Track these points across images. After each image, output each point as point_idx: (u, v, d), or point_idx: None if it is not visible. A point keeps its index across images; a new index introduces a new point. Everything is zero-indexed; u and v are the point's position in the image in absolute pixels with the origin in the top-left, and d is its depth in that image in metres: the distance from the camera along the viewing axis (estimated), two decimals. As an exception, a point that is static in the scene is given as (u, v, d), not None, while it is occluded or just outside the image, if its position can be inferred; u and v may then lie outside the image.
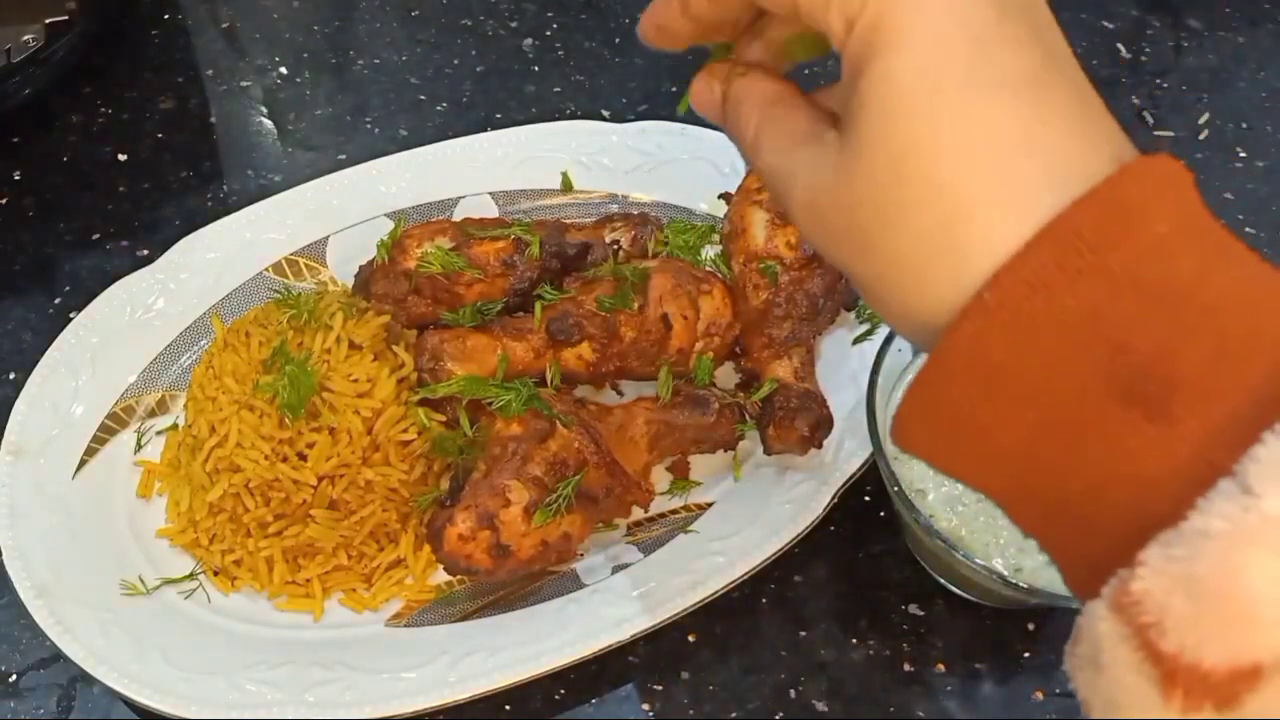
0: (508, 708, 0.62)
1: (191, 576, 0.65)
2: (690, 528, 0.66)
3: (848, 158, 0.34)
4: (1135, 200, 0.31)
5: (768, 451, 0.67)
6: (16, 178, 0.86)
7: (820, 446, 0.67)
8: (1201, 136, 0.91)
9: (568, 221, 0.76)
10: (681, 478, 0.69)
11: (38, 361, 0.70)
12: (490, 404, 0.64)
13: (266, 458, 0.63)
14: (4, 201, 0.85)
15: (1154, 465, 0.30)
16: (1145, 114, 0.93)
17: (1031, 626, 0.66)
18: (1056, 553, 0.33)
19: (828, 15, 0.34)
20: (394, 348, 0.67)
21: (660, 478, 0.69)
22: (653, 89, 0.94)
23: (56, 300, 0.79)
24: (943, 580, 0.66)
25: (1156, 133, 0.92)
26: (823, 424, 0.67)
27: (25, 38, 0.84)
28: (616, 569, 0.65)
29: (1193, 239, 0.31)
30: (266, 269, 0.76)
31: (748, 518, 0.66)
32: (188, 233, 0.77)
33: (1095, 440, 0.31)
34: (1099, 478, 0.31)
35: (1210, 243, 0.31)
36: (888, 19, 0.32)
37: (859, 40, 0.33)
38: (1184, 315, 0.30)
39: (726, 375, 0.72)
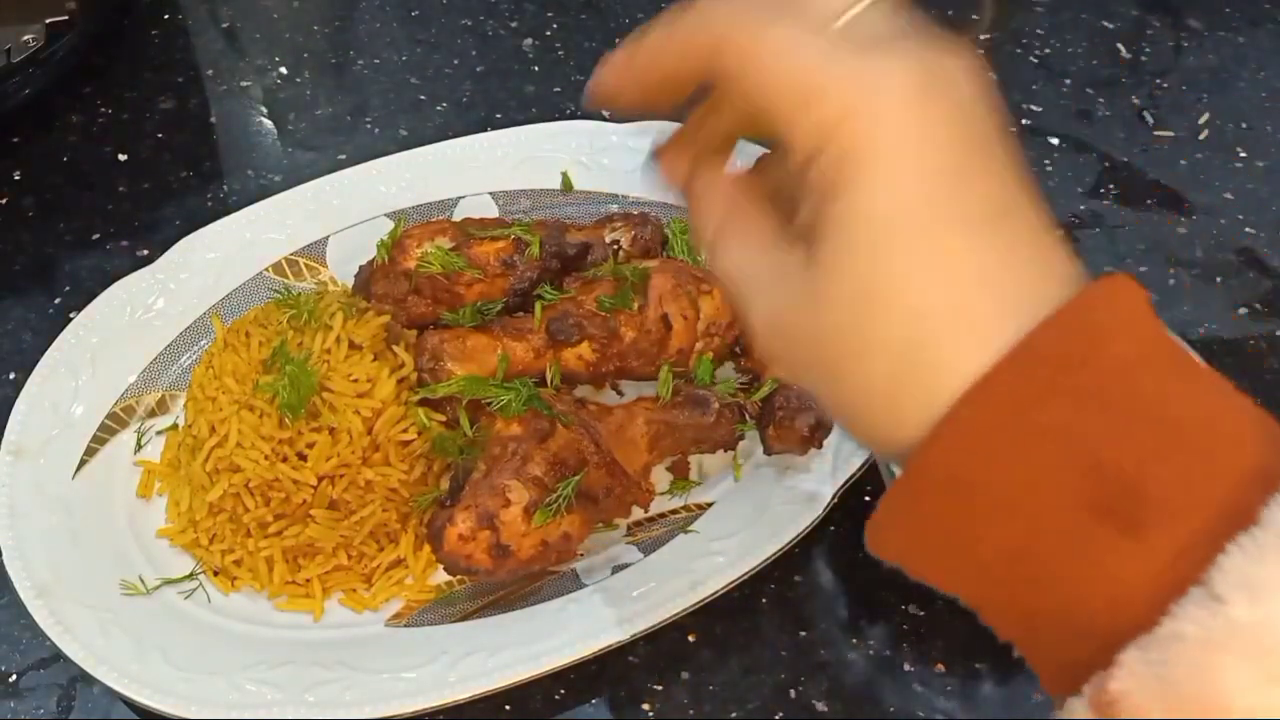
0: (508, 708, 0.62)
1: (191, 576, 0.65)
2: (690, 528, 0.66)
3: (815, 284, 0.35)
4: (1099, 321, 0.33)
5: (768, 451, 0.67)
6: (16, 178, 0.86)
7: (820, 446, 0.67)
8: (1201, 136, 0.91)
9: (568, 221, 0.76)
10: (681, 478, 0.69)
11: (38, 361, 0.70)
12: (490, 404, 0.64)
13: (266, 458, 0.63)
14: (4, 201, 0.85)
15: (1128, 578, 0.31)
16: (1145, 114, 0.93)
17: (1031, 626, 0.66)
18: (1032, 657, 0.35)
19: (794, 131, 0.34)
20: (394, 348, 0.67)
21: (660, 478, 0.69)
22: (653, 89, 0.94)
23: (56, 300, 0.79)
24: (943, 580, 0.66)
25: (1156, 132, 0.92)
26: (823, 424, 0.67)
27: (25, 38, 0.84)
28: (616, 569, 0.65)
29: (1154, 357, 0.33)
30: (266, 269, 0.76)
31: (748, 518, 0.66)
32: (188, 233, 0.77)
33: (1071, 554, 0.32)
34: (1075, 590, 0.32)
35: (1169, 361, 0.33)
36: (856, 152, 0.33)
37: (828, 167, 0.34)
38: (1150, 433, 0.32)
39: (726, 375, 0.72)
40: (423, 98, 0.93)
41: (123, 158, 0.88)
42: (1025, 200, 0.35)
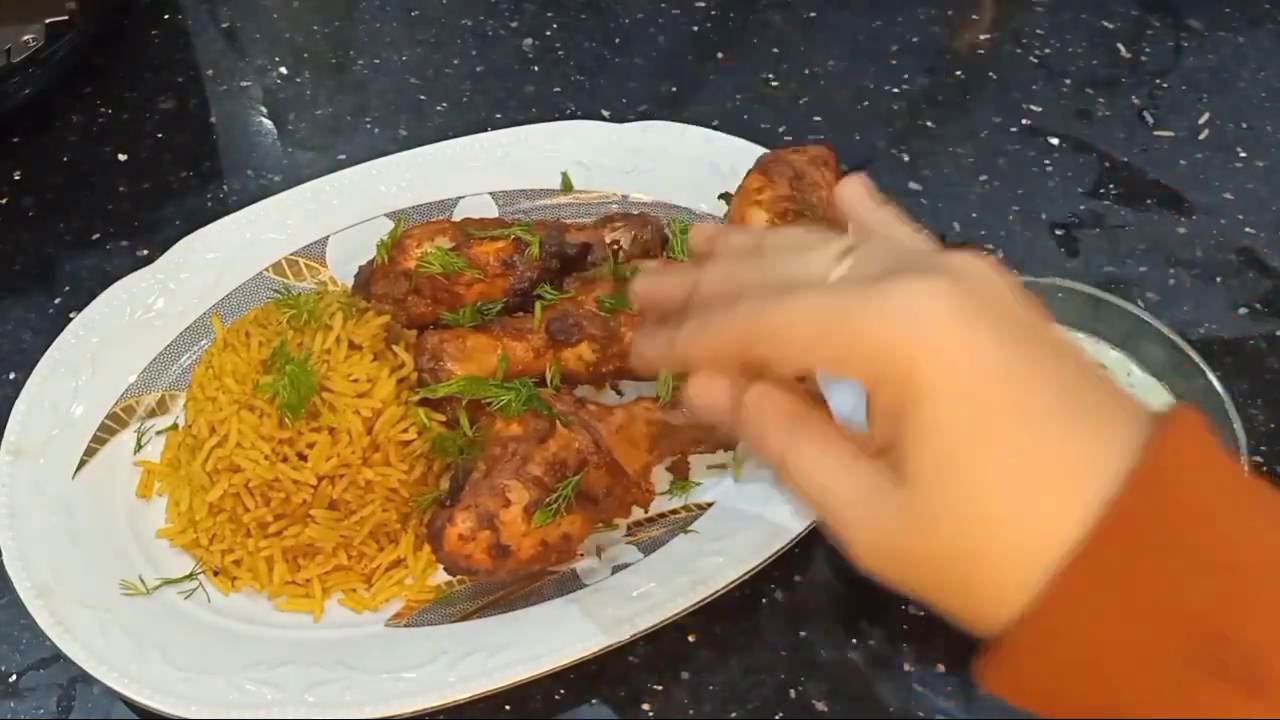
0: (508, 708, 0.62)
1: (191, 576, 0.65)
2: (690, 528, 0.66)
3: (915, 505, 0.36)
4: (1173, 471, 0.34)
5: (768, 451, 0.67)
6: (16, 178, 0.86)
7: (820, 446, 0.67)
8: (1201, 136, 0.91)
9: (568, 221, 0.76)
10: (681, 478, 0.69)
11: (38, 361, 0.70)
12: (490, 404, 0.64)
13: (266, 458, 0.63)
14: (4, 201, 0.85)
15: None
16: (1145, 114, 0.93)
17: (1031, 626, 0.66)
18: None
19: (853, 370, 0.37)
20: (394, 348, 0.67)
21: (660, 478, 0.69)
22: (653, 89, 0.94)
23: (56, 300, 0.79)
24: (943, 580, 0.66)
25: (1156, 132, 0.92)
26: (823, 424, 0.66)
27: (25, 38, 0.85)
28: (616, 569, 0.65)
29: (1232, 497, 0.34)
30: (266, 269, 0.76)
31: (748, 518, 0.66)
32: (188, 233, 0.77)
33: (1189, 713, 0.33)
34: None
35: (1246, 497, 0.34)
36: (917, 374, 0.35)
37: (894, 392, 0.36)
38: (1245, 580, 0.32)
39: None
40: (423, 98, 0.93)
41: (123, 158, 0.88)
42: (1083, 373, 0.37)
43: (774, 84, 0.95)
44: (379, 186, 0.80)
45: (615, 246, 0.74)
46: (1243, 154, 0.90)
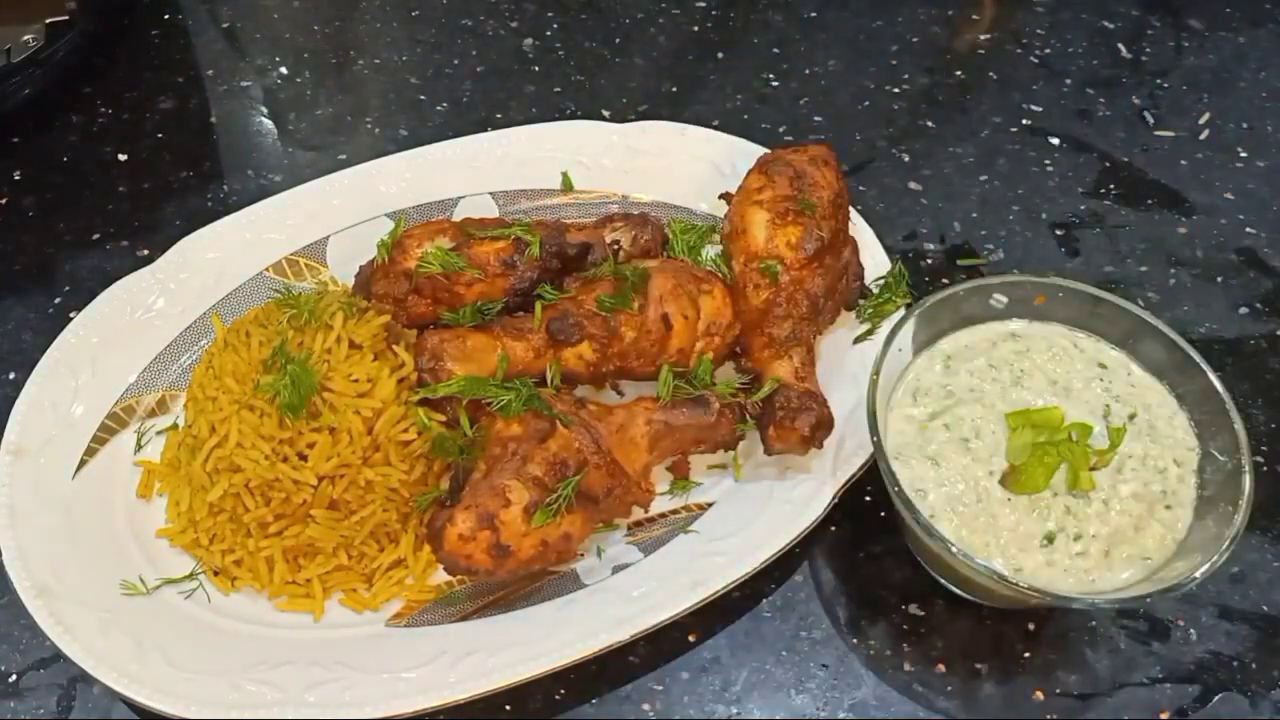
0: (508, 708, 0.62)
1: (191, 576, 0.65)
2: (690, 528, 0.66)
3: None
4: None
5: (768, 451, 0.67)
6: (16, 178, 0.86)
7: (820, 446, 0.67)
8: (1202, 136, 0.91)
9: (568, 221, 0.76)
10: (682, 478, 0.69)
11: (38, 361, 0.70)
12: (490, 404, 0.64)
13: (267, 458, 0.63)
14: (4, 201, 0.85)
15: None
16: (1146, 114, 0.93)
17: (1031, 626, 0.66)
18: None
19: None
20: (394, 348, 0.67)
21: (660, 478, 0.69)
22: (653, 89, 0.94)
23: (56, 300, 0.79)
24: (943, 580, 0.66)
25: (1157, 132, 0.92)
26: (823, 424, 0.67)
27: (25, 38, 0.85)
28: (616, 569, 0.65)
29: None
30: (267, 269, 0.76)
31: (748, 518, 0.66)
32: (188, 233, 0.77)
33: None
34: None
35: None
36: None
37: None
38: None
39: (726, 376, 0.72)
40: (423, 98, 0.93)
41: (123, 158, 0.88)
42: None
43: (774, 84, 0.95)
44: (379, 186, 0.80)
45: (615, 246, 0.75)
46: (1243, 154, 0.90)
